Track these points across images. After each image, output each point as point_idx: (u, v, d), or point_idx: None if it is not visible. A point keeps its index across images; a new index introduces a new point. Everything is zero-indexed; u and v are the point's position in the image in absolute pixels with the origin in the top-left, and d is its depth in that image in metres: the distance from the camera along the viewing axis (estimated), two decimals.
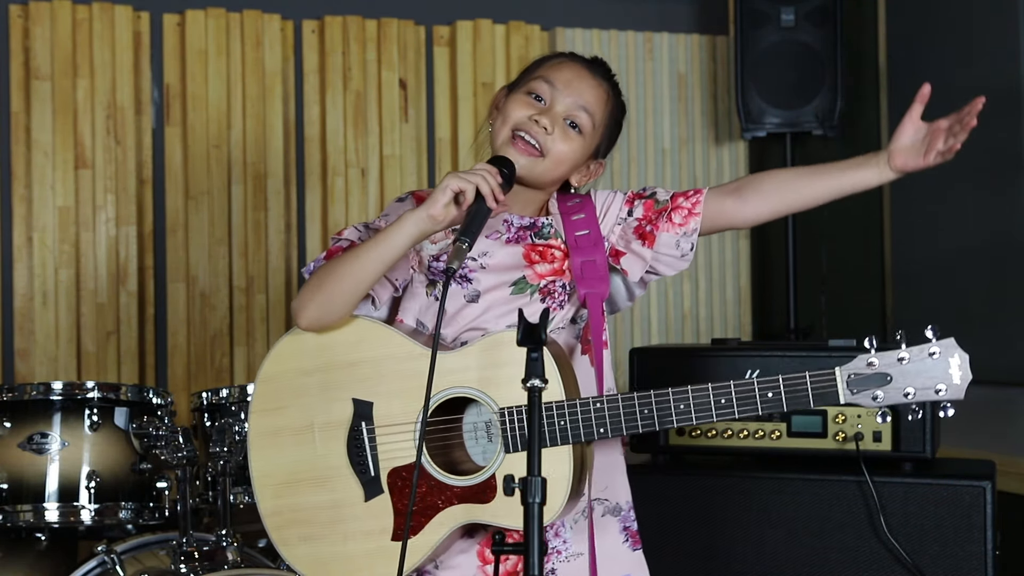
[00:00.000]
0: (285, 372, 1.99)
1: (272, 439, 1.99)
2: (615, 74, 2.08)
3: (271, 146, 4.10)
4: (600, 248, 2.03)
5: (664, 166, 4.54)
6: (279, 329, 4.09)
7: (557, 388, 1.89)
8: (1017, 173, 3.52)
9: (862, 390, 1.79)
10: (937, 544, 2.74)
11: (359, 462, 1.95)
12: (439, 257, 2.01)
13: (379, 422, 1.95)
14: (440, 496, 1.92)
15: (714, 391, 1.85)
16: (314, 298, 1.93)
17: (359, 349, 1.96)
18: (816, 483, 2.83)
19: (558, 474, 1.89)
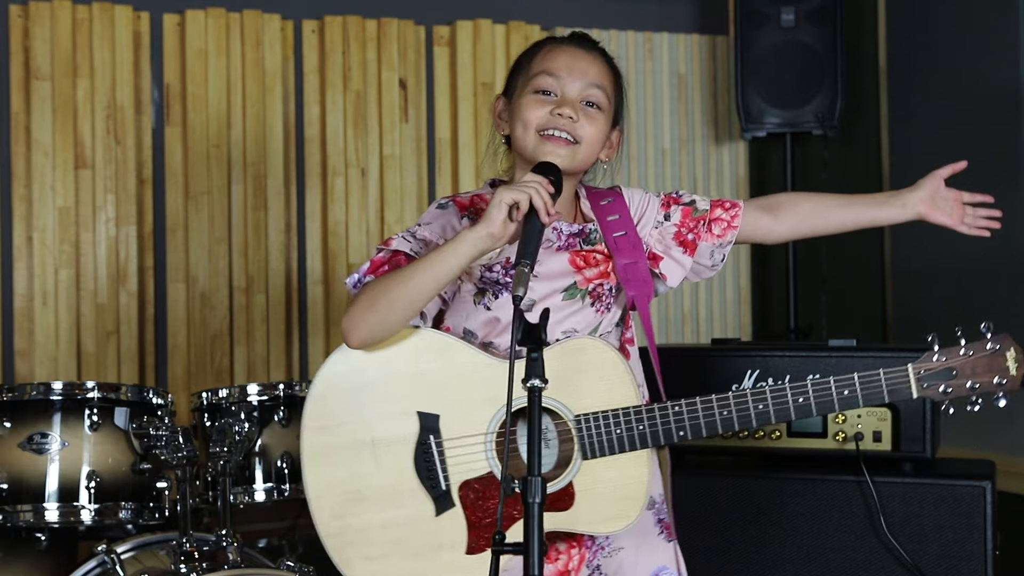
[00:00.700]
0: (339, 388, 1.93)
1: (328, 457, 1.92)
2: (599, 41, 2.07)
3: (271, 146, 4.10)
4: (640, 250, 2.04)
5: (664, 166, 4.54)
6: (279, 329, 4.09)
7: (633, 393, 1.90)
8: (1017, 174, 3.52)
9: (932, 384, 1.90)
10: (937, 544, 2.74)
11: (429, 476, 1.90)
12: (491, 267, 1.98)
13: (447, 435, 1.90)
14: (515, 507, 1.90)
15: (792, 391, 1.89)
16: (365, 318, 1.88)
17: (422, 360, 1.91)
18: (816, 483, 2.84)
19: (639, 477, 1.90)
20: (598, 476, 1.89)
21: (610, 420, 1.89)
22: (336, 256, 4.15)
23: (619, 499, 1.90)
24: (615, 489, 1.90)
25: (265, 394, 3.03)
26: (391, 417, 1.91)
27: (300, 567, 2.68)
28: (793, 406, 1.89)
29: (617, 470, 1.90)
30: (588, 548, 2.00)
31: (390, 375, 1.92)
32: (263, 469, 3.00)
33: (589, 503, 1.90)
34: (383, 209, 4.20)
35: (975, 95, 3.70)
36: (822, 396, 1.89)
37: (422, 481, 1.91)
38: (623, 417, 1.89)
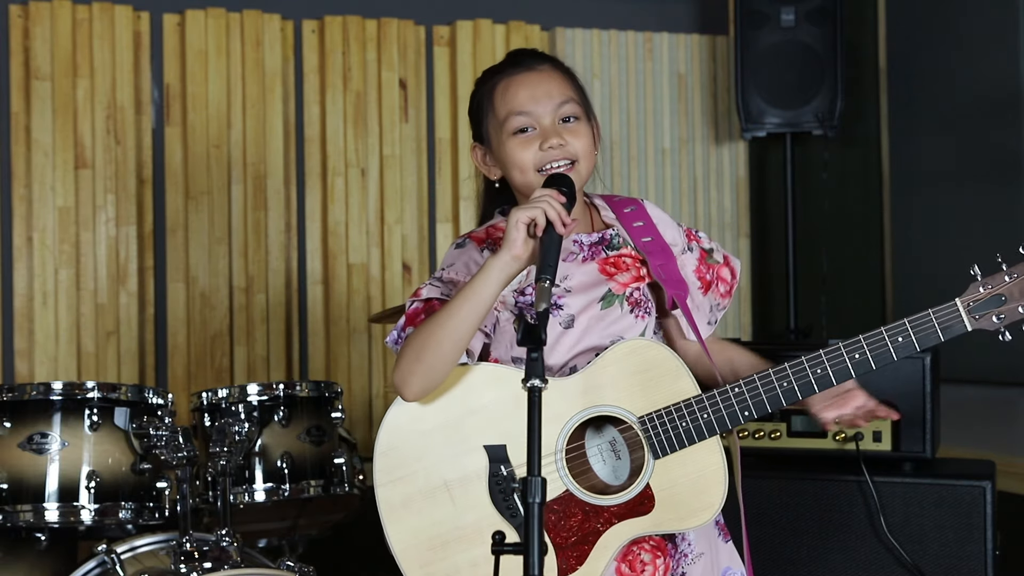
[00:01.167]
0: (403, 439, 1.92)
1: (405, 509, 1.91)
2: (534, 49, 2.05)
3: (271, 146, 4.10)
4: (669, 253, 2.04)
5: (664, 166, 4.54)
6: (279, 329, 4.09)
7: (691, 384, 1.90)
8: (1017, 173, 3.52)
9: (983, 315, 1.87)
10: (937, 544, 2.74)
11: (507, 506, 1.89)
12: (524, 291, 1.97)
13: (516, 461, 1.90)
14: (598, 520, 1.89)
15: (847, 349, 1.88)
16: (416, 370, 1.86)
17: (476, 396, 1.90)
18: (816, 483, 2.83)
19: (713, 465, 1.90)
20: (674, 473, 1.89)
21: (674, 415, 1.89)
22: (336, 256, 4.15)
23: (700, 491, 1.90)
24: (694, 482, 1.90)
25: (265, 394, 3.03)
26: (459, 456, 1.90)
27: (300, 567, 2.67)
28: (851, 364, 1.88)
29: (692, 463, 1.90)
30: (671, 556, 2.00)
31: (450, 417, 1.91)
32: (263, 469, 3.00)
33: (670, 502, 1.90)
34: (383, 209, 4.20)
35: (975, 95, 3.70)
36: (878, 348, 1.88)
37: (502, 513, 1.90)
38: (686, 409, 1.89)
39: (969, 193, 3.71)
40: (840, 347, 1.89)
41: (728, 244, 4.59)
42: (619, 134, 4.48)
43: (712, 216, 4.58)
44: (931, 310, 1.87)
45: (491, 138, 2.01)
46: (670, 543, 2.00)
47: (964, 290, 1.86)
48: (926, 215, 3.92)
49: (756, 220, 4.64)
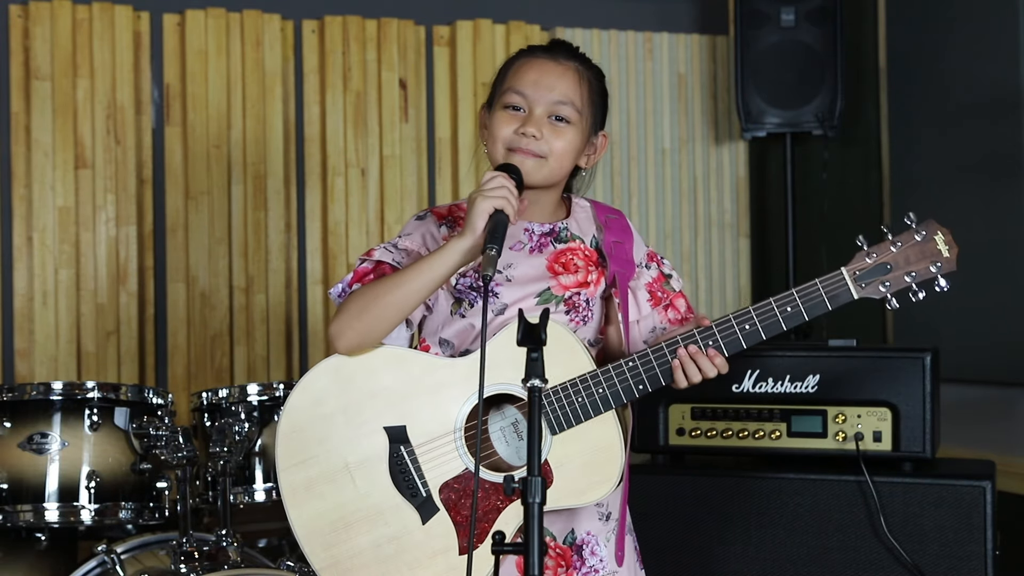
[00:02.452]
0: (303, 422, 1.95)
1: (307, 492, 1.94)
2: (578, 48, 2.06)
3: (271, 146, 4.10)
4: (629, 236, 2.06)
5: (664, 166, 4.54)
6: (279, 329, 4.09)
7: (586, 360, 1.92)
8: (1017, 173, 3.52)
9: (869, 282, 1.92)
10: (937, 544, 2.74)
11: (408, 486, 1.92)
12: (465, 274, 2.00)
13: (416, 441, 1.92)
14: (498, 497, 1.91)
15: (736, 320, 1.90)
16: (353, 325, 1.91)
17: (377, 378, 1.93)
18: (816, 483, 2.83)
19: (608, 438, 1.91)
20: (571, 448, 1.91)
21: (569, 390, 1.90)
22: (336, 256, 4.15)
23: (598, 465, 1.92)
24: (592, 456, 1.92)
25: (265, 394, 3.03)
26: (359, 438, 1.93)
27: (300, 567, 2.68)
28: (742, 335, 1.90)
29: (588, 438, 1.92)
30: (576, 570, 2.00)
31: (350, 399, 1.94)
32: (263, 469, 3.00)
33: (568, 476, 1.91)
34: (383, 209, 4.20)
35: (975, 95, 3.70)
36: (767, 318, 1.90)
37: (402, 493, 1.92)
38: (581, 384, 1.90)
39: (969, 193, 3.71)
40: (731, 318, 1.91)
41: (728, 244, 4.59)
42: (619, 134, 4.48)
43: (712, 216, 4.58)
44: (817, 279, 1.92)
45: (494, 104, 2.04)
46: (577, 556, 2.00)
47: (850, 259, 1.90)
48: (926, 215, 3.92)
49: (756, 220, 4.64)
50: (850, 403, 2.85)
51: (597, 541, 2.02)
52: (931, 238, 1.93)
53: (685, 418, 2.96)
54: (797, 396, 2.90)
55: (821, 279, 1.91)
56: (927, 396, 2.80)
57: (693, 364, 1.90)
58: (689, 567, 2.91)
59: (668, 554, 2.91)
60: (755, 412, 2.93)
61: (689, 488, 2.92)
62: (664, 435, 2.99)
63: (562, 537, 2.00)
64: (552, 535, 1.99)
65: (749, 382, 2.92)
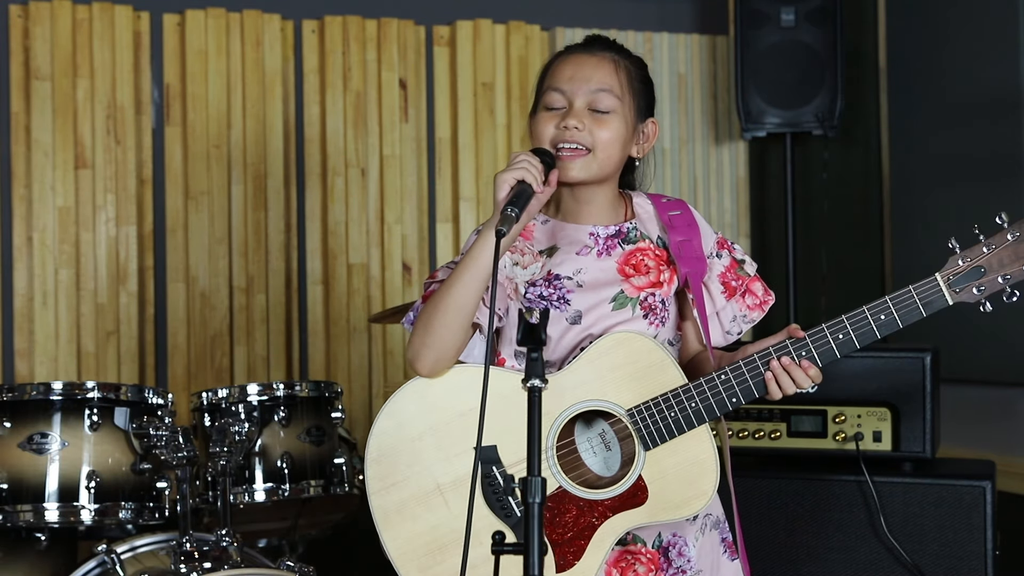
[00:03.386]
0: (393, 444, 1.92)
1: (400, 515, 1.92)
2: (615, 40, 2.04)
3: (271, 146, 4.10)
4: (696, 231, 2.03)
5: (664, 166, 4.54)
6: (279, 329, 4.09)
7: (678, 374, 1.90)
8: (1017, 173, 3.52)
9: (963, 287, 1.89)
10: (937, 544, 2.74)
11: (502, 507, 1.89)
12: (534, 282, 1.97)
13: (508, 461, 1.90)
14: (593, 514, 1.90)
15: (830, 330, 1.88)
16: (425, 342, 1.88)
17: (463, 398, 1.91)
18: (816, 483, 2.83)
19: (703, 453, 1.89)
20: (665, 463, 1.89)
21: (662, 405, 1.89)
22: (336, 256, 4.15)
23: (692, 479, 1.90)
24: (686, 471, 1.90)
25: (265, 394, 3.02)
26: (450, 459, 1.91)
27: (300, 567, 2.67)
28: (835, 344, 1.88)
29: (682, 453, 1.90)
30: (665, 572, 1.99)
31: (438, 420, 1.92)
32: (263, 469, 3.00)
33: (663, 492, 1.90)
34: (383, 209, 4.20)
35: (975, 95, 3.70)
36: (861, 327, 1.88)
37: (496, 513, 1.90)
38: (673, 399, 1.89)
39: (969, 193, 3.71)
40: (824, 329, 1.88)
41: None
42: None
43: (712, 216, 4.58)
44: (912, 286, 1.87)
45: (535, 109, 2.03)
46: (664, 558, 1.99)
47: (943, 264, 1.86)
48: (926, 215, 3.92)
49: (756, 220, 4.64)
50: (850, 403, 2.85)
51: (685, 542, 2.00)
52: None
53: None
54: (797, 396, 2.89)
55: (915, 285, 1.87)
56: (927, 396, 2.80)
57: (787, 376, 1.89)
58: None
59: None
60: (755, 412, 2.93)
61: None
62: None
63: (651, 542, 1.99)
64: (642, 541, 1.98)
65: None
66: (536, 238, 2.01)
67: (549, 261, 1.97)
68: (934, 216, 3.87)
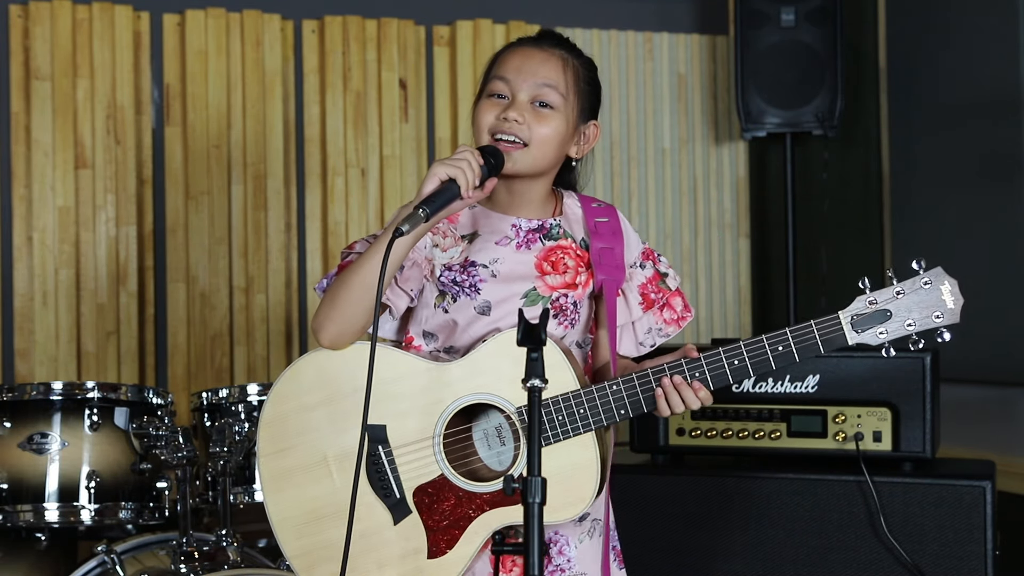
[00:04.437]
0: (286, 412, 1.95)
1: (285, 480, 1.95)
2: (567, 38, 2.03)
3: (271, 146, 4.10)
4: (619, 240, 2.02)
5: (664, 166, 4.54)
6: (279, 329, 4.09)
7: (571, 378, 1.89)
8: (1017, 173, 3.52)
9: (866, 329, 1.85)
10: (937, 544, 2.74)
11: (382, 486, 1.92)
12: (450, 267, 1.97)
13: (395, 443, 1.92)
14: (471, 506, 1.91)
15: (726, 354, 1.87)
16: (329, 314, 1.90)
17: (360, 374, 1.90)
18: (816, 483, 2.84)
19: (586, 459, 1.89)
20: (548, 465, 1.86)
21: (550, 407, 1.88)
22: (336, 256, 4.15)
23: (572, 485, 1.90)
24: (568, 476, 1.90)
25: (265, 394, 3.02)
26: (339, 433, 1.93)
27: None
28: (729, 369, 1.87)
29: (566, 457, 1.90)
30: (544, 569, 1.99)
31: (333, 393, 1.94)
32: None
33: None
34: (383, 209, 4.20)
35: (975, 95, 3.71)
36: (757, 356, 1.86)
37: (376, 492, 1.92)
38: (563, 402, 1.88)
39: (969, 193, 3.71)
40: (720, 352, 1.87)
41: (728, 244, 4.59)
42: (619, 134, 4.48)
43: (712, 216, 4.58)
44: (813, 321, 1.85)
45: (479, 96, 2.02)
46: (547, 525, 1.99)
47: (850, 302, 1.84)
48: (926, 215, 3.92)
49: (756, 220, 4.64)
50: (850, 403, 2.85)
51: (567, 541, 2.01)
52: (937, 287, 1.86)
53: (685, 418, 2.96)
54: (797, 396, 2.90)
55: (817, 321, 1.85)
56: (927, 396, 2.80)
57: (676, 394, 1.88)
58: (689, 567, 2.91)
59: (668, 554, 2.91)
60: (755, 412, 2.93)
61: (689, 488, 2.92)
62: (664, 435, 2.99)
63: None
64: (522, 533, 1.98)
65: (749, 382, 2.92)
66: (460, 222, 2.01)
67: (468, 247, 1.96)
68: (934, 216, 3.88)
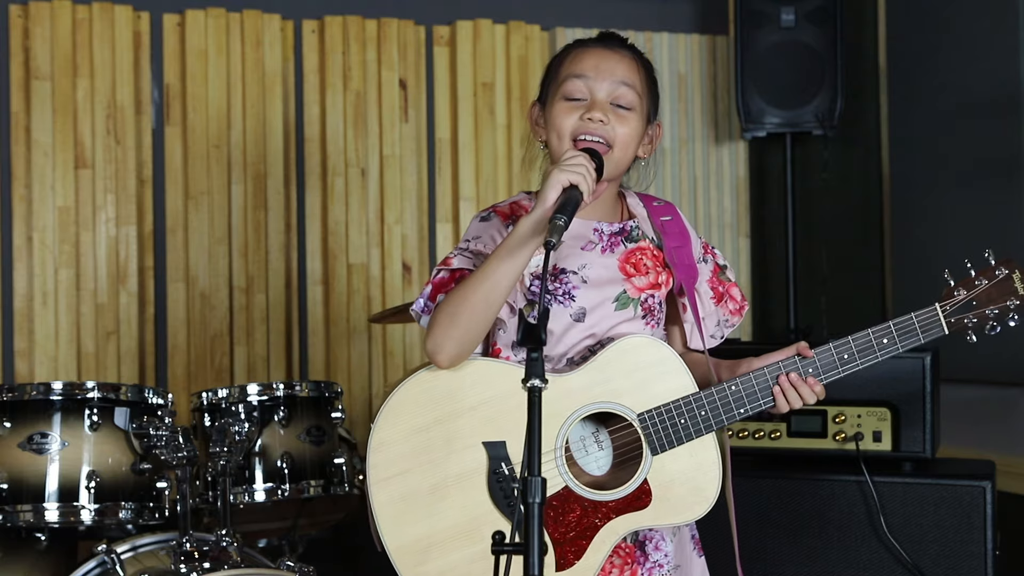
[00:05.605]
0: (398, 435, 1.91)
1: (403, 506, 1.90)
2: (627, 38, 2.06)
3: (271, 146, 4.10)
4: (687, 239, 2.05)
5: (664, 166, 4.54)
6: (279, 329, 4.09)
7: (689, 381, 1.93)
8: (1017, 173, 3.52)
9: (958, 318, 1.99)
10: (937, 544, 2.74)
11: (508, 504, 1.88)
12: (537, 275, 1.95)
13: (516, 459, 1.90)
14: (596, 515, 1.91)
15: (836, 348, 1.95)
16: (451, 335, 1.85)
17: (475, 392, 1.89)
18: (816, 483, 2.84)
19: (708, 459, 1.92)
20: (671, 468, 1.92)
21: (672, 411, 1.91)
22: (336, 256, 4.15)
23: (697, 485, 1.93)
24: (691, 477, 1.93)
25: (265, 394, 3.03)
26: (457, 453, 1.89)
27: (300, 567, 2.68)
28: (839, 362, 1.95)
29: (688, 458, 1.92)
30: (641, 565, 2.00)
31: (449, 412, 1.90)
32: (263, 469, 3.00)
33: (667, 496, 1.92)
34: (383, 209, 4.20)
35: (975, 95, 3.70)
36: (864, 347, 1.96)
37: (501, 509, 1.89)
38: (684, 406, 1.91)
39: (969, 193, 3.71)
40: (830, 347, 1.95)
41: (728, 244, 4.59)
42: None
43: (712, 216, 4.58)
44: (913, 314, 1.99)
45: (549, 97, 2.01)
46: (641, 552, 2.00)
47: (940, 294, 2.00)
48: (926, 215, 3.92)
49: (756, 220, 4.64)
50: (850, 403, 2.85)
51: (662, 537, 2.02)
52: (1010, 276, 2.00)
53: None
54: None
55: (916, 313, 1.99)
56: (927, 396, 2.80)
57: (794, 391, 1.95)
58: None
59: None
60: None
61: None
62: None
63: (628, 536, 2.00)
64: None
65: None
66: None
67: (556, 256, 1.96)
68: (934, 216, 3.87)
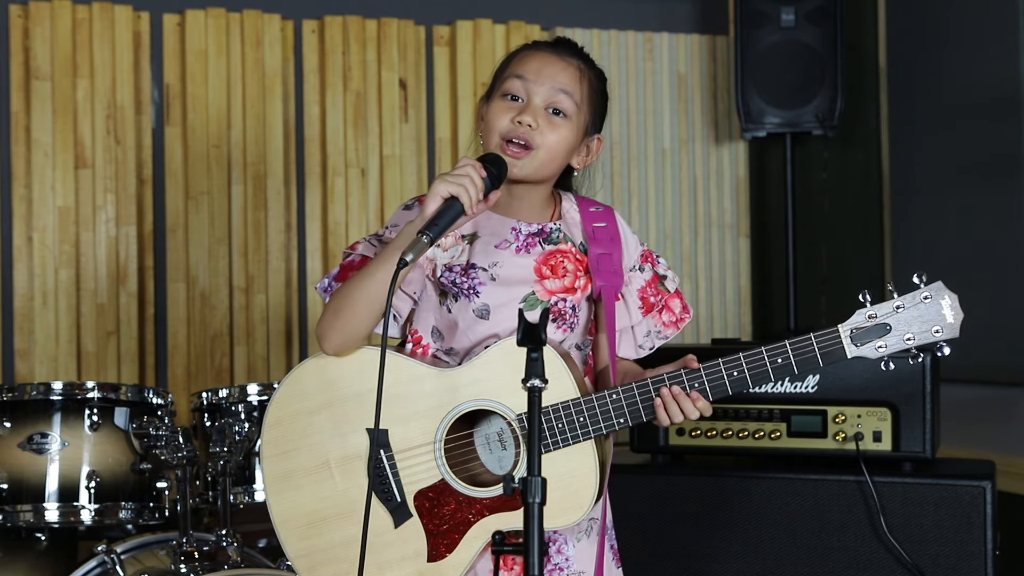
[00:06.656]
0: (290, 414, 1.98)
1: (288, 482, 1.98)
2: (582, 47, 2.05)
3: (271, 146, 4.10)
4: (617, 245, 2.03)
5: (664, 166, 4.54)
6: (279, 329, 4.09)
7: (571, 385, 1.90)
8: (1017, 173, 3.52)
9: (865, 342, 1.87)
10: (937, 544, 2.74)
11: (383, 490, 1.94)
12: (451, 268, 1.98)
13: (397, 447, 1.94)
14: (470, 511, 1.92)
15: (725, 366, 1.88)
16: (333, 324, 1.92)
17: (364, 379, 1.95)
18: (816, 483, 2.84)
19: (585, 466, 1.90)
20: (547, 472, 1.87)
21: (550, 415, 1.89)
22: (336, 256, 4.15)
23: (571, 491, 1.91)
24: (567, 482, 1.91)
25: (265, 394, 3.03)
26: (342, 437, 1.96)
27: None
28: (728, 381, 1.88)
29: (565, 464, 1.91)
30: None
31: (338, 396, 1.96)
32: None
33: None
34: (383, 209, 4.20)
35: (975, 95, 3.71)
36: (756, 367, 1.87)
37: (378, 495, 1.95)
38: (563, 410, 1.89)
39: (969, 193, 3.71)
40: (720, 364, 1.88)
41: (728, 244, 4.59)
42: (619, 134, 4.48)
43: (712, 216, 4.58)
44: (812, 334, 1.87)
45: (492, 94, 2.02)
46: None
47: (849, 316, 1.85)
48: (926, 215, 3.92)
49: (756, 220, 4.64)
50: (850, 403, 2.85)
51: (565, 540, 2.02)
52: (937, 302, 1.85)
53: None
54: (797, 396, 2.90)
55: (816, 334, 1.87)
56: (927, 396, 2.80)
57: (675, 404, 1.89)
58: (689, 567, 2.91)
59: (668, 554, 2.91)
60: (755, 412, 2.93)
61: (689, 488, 2.92)
62: (664, 435, 2.99)
63: None
64: None
65: None
66: None
67: (469, 248, 1.98)
68: (934, 216, 3.88)
